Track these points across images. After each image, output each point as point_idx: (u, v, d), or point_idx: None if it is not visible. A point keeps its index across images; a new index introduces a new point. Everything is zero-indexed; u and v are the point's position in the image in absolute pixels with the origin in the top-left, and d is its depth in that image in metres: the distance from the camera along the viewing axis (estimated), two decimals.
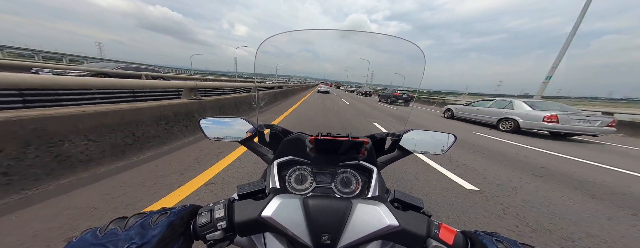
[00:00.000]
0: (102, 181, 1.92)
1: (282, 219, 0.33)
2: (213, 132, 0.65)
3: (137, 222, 0.30)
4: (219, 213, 0.34)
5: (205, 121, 0.65)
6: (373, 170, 0.55)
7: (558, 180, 2.92)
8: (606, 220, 1.95)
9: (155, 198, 1.74)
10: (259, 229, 0.35)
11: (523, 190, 2.50)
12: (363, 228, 0.34)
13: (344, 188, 0.54)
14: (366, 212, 0.35)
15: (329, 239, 0.34)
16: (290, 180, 0.55)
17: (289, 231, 0.33)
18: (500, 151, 4.37)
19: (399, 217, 0.34)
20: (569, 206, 2.18)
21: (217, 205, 0.35)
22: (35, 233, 1.26)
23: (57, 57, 60.33)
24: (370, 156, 0.59)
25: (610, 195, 2.53)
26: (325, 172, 0.57)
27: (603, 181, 2.97)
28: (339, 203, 0.37)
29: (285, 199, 0.36)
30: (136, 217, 0.31)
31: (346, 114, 8.29)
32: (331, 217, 0.36)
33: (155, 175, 2.11)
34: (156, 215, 0.31)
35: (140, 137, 2.69)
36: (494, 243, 0.30)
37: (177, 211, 0.33)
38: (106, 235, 0.28)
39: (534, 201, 2.23)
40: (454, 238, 0.33)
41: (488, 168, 3.23)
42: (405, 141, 0.66)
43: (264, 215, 0.33)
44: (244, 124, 0.66)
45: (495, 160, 3.71)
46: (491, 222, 1.80)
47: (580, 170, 3.44)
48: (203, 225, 0.33)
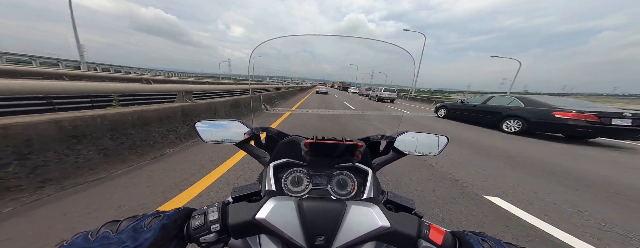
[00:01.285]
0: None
1: (277, 221, 0.34)
2: (209, 135, 0.65)
3: (129, 226, 0.30)
4: (213, 215, 0.34)
5: (201, 124, 0.65)
6: (368, 172, 0.56)
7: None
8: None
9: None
10: (253, 231, 0.35)
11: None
12: (357, 229, 0.34)
13: (340, 189, 0.55)
14: (359, 214, 0.36)
15: (323, 241, 0.35)
16: (286, 182, 0.55)
17: (283, 233, 0.34)
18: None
19: (391, 218, 0.34)
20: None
21: (211, 207, 0.35)
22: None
23: (25, 61, 57.49)
24: (365, 158, 0.60)
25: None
26: (321, 174, 0.57)
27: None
28: (333, 205, 0.37)
29: (280, 201, 0.36)
30: (128, 220, 0.31)
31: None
32: (325, 218, 0.36)
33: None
34: (149, 218, 0.31)
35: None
36: (479, 243, 0.31)
37: (170, 214, 0.33)
38: (98, 238, 0.27)
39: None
40: (443, 238, 0.33)
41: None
42: (400, 143, 0.67)
43: (258, 217, 0.33)
44: (240, 127, 0.66)
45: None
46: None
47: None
48: (196, 227, 0.32)
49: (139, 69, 74.04)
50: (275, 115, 6.66)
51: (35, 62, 50.40)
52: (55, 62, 59.98)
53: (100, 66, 66.58)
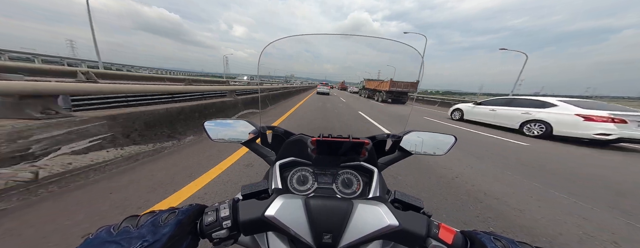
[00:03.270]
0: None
1: (285, 219, 0.34)
2: (217, 134, 0.67)
3: (148, 221, 0.31)
4: (224, 212, 0.35)
5: (209, 123, 0.67)
6: (374, 171, 0.56)
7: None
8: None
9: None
10: (262, 228, 0.35)
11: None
12: (364, 227, 0.35)
13: (345, 188, 0.55)
14: (367, 212, 0.36)
15: (331, 238, 0.35)
16: (292, 180, 0.56)
17: (291, 230, 0.34)
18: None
19: (399, 216, 0.34)
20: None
21: (222, 204, 0.36)
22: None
23: (27, 58, 60.18)
24: (371, 157, 0.60)
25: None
26: (326, 173, 0.57)
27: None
28: (341, 203, 0.38)
29: (288, 199, 0.36)
30: (147, 215, 0.32)
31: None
32: (333, 216, 0.36)
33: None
34: (165, 214, 0.33)
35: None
36: (492, 242, 0.31)
37: (184, 211, 0.34)
38: (120, 232, 0.29)
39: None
40: (454, 238, 0.33)
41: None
42: (406, 142, 0.67)
43: (267, 215, 0.34)
44: (247, 126, 0.67)
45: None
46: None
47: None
48: (209, 223, 0.34)
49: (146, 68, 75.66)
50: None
51: (65, 63, 53.20)
52: (78, 63, 62.80)
53: (114, 65, 68.57)
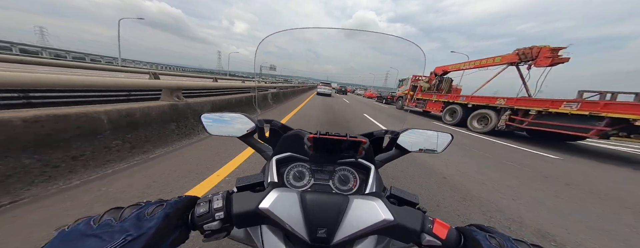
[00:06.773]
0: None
1: (280, 212, 0.34)
2: (214, 128, 0.65)
3: (132, 214, 0.30)
4: (218, 203, 0.34)
5: (206, 117, 0.65)
6: (371, 168, 0.55)
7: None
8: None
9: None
10: (256, 221, 0.35)
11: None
12: (359, 222, 0.34)
13: (342, 185, 0.55)
14: (362, 207, 0.36)
15: (325, 233, 0.35)
16: (288, 176, 0.55)
17: (285, 224, 0.34)
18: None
19: (395, 212, 0.34)
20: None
21: (215, 195, 0.36)
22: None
23: (5, 47, 59.91)
24: (369, 155, 0.59)
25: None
26: (323, 169, 0.57)
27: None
28: (336, 198, 0.37)
29: (283, 192, 0.36)
30: (132, 207, 0.31)
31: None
32: (328, 211, 0.36)
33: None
34: (152, 207, 0.31)
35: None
36: (487, 239, 0.30)
37: (173, 203, 0.33)
38: (101, 226, 0.27)
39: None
40: (447, 233, 0.33)
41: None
42: (403, 139, 0.67)
43: (262, 207, 0.33)
44: (244, 120, 0.66)
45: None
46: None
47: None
48: (201, 214, 0.33)
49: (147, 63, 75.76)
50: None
51: (88, 58, 52.90)
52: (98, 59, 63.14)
53: (126, 60, 68.75)
